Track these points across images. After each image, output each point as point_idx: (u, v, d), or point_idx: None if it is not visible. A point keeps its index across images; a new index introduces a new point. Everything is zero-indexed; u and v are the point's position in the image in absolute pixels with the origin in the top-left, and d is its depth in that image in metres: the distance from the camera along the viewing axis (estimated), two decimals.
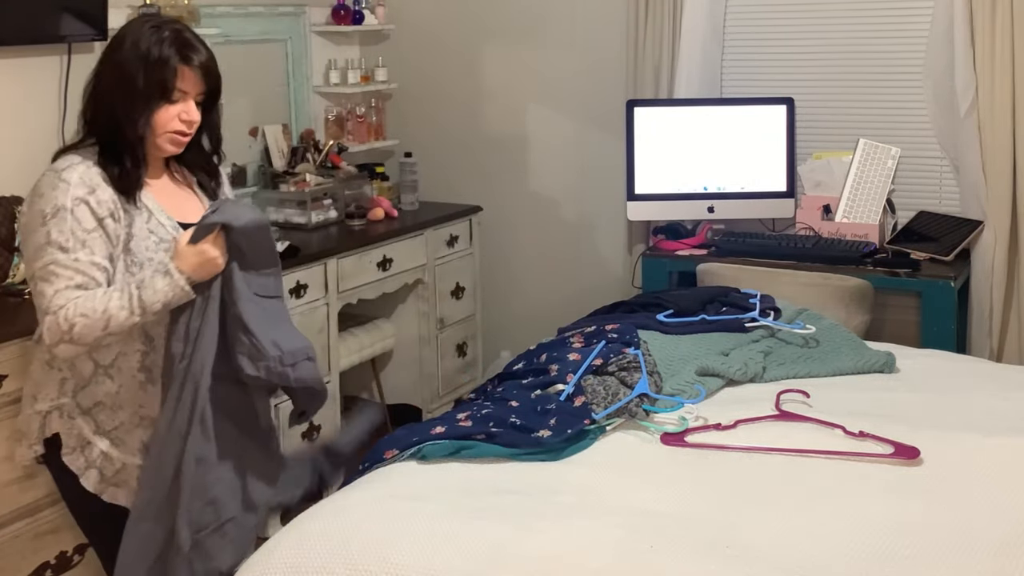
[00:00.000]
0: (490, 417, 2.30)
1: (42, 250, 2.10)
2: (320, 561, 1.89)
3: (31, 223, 2.13)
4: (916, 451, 2.15)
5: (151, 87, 2.18)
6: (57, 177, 2.13)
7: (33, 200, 2.15)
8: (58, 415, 2.22)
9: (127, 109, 2.18)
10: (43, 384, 2.23)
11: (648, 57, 4.05)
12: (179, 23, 2.31)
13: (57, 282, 2.09)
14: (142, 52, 2.19)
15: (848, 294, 3.38)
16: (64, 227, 2.10)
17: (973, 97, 3.56)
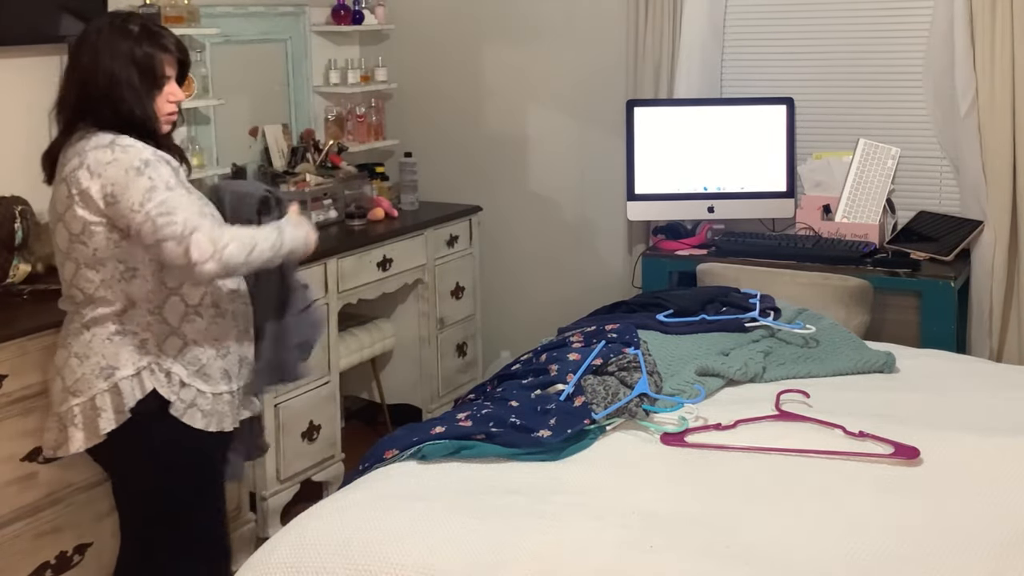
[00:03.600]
0: (490, 417, 2.30)
1: (152, 191, 2.29)
2: (320, 561, 1.89)
3: (122, 179, 2.29)
4: (916, 451, 2.16)
5: (147, 82, 2.40)
6: (115, 145, 2.33)
7: (104, 169, 2.30)
8: (149, 373, 2.38)
9: (139, 104, 2.39)
10: (118, 354, 2.37)
11: (648, 57, 4.05)
12: (133, 15, 2.50)
13: (181, 211, 2.30)
14: (127, 54, 2.39)
15: (848, 294, 3.38)
16: (160, 172, 2.33)
17: (973, 97, 3.56)
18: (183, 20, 3.59)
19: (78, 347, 2.39)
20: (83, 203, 2.32)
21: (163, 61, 2.42)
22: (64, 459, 2.55)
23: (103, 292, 2.36)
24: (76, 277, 2.38)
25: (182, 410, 2.40)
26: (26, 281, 2.91)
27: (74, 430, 2.39)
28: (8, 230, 2.88)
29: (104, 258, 2.35)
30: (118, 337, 2.37)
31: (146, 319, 2.38)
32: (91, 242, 2.34)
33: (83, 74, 2.40)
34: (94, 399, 2.37)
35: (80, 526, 2.81)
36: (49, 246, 2.97)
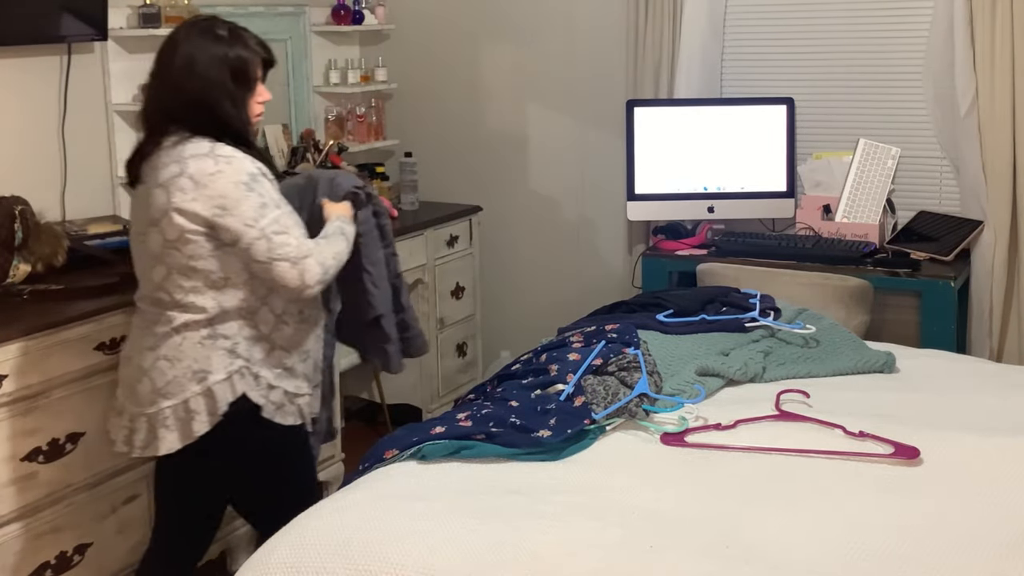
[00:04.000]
0: (490, 417, 2.30)
1: (264, 208, 2.37)
2: (320, 561, 1.89)
3: (232, 193, 2.35)
4: (916, 451, 2.15)
5: (241, 85, 2.47)
6: (215, 155, 2.38)
7: (210, 180, 2.35)
8: (239, 377, 2.44)
9: (235, 108, 2.46)
10: (209, 359, 2.42)
11: (648, 57, 4.05)
12: (216, 19, 2.54)
13: (293, 230, 2.41)
14: (220, 58, 2.44)
15: (848, 294, 3.38)
16: (266, 188, 2.41)
17: (973, 97, 3.56)
18: (183, 20, 3.58)
19: (167, 350, 2.42)
20: (183, 212, 2.35)
21: (254, 63, 2.50)
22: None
23: (194, 298, 2.40)
24: (166, 281, 2.41)
25: (272, 411, 2.49)
26: (26, 281, 2.91)
27: (165, 431, 2.43)
28: (8, 230, 2.88)
29: (198, 266, 2.38)
30: (209, 342, 2.42)
31: (236, 325, 2.44)
32: (186, 249, 2.37)
33: (176, 79, 2.43)
34: (187, 402, 2.42)
35: (80, 526, 2.81)
36: (49, 246, 2.98)
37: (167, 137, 2.42)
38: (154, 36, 3.51)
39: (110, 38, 3.41)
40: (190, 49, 2.43)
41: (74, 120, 3.37)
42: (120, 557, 2.93)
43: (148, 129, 2.48)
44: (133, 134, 3.57)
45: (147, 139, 2.47)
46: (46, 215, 3.09)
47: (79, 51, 3.36)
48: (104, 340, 2.83)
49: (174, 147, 2.39)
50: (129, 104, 3.54)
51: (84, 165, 3.41)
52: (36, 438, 2.68)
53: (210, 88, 2.42)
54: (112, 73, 3.50)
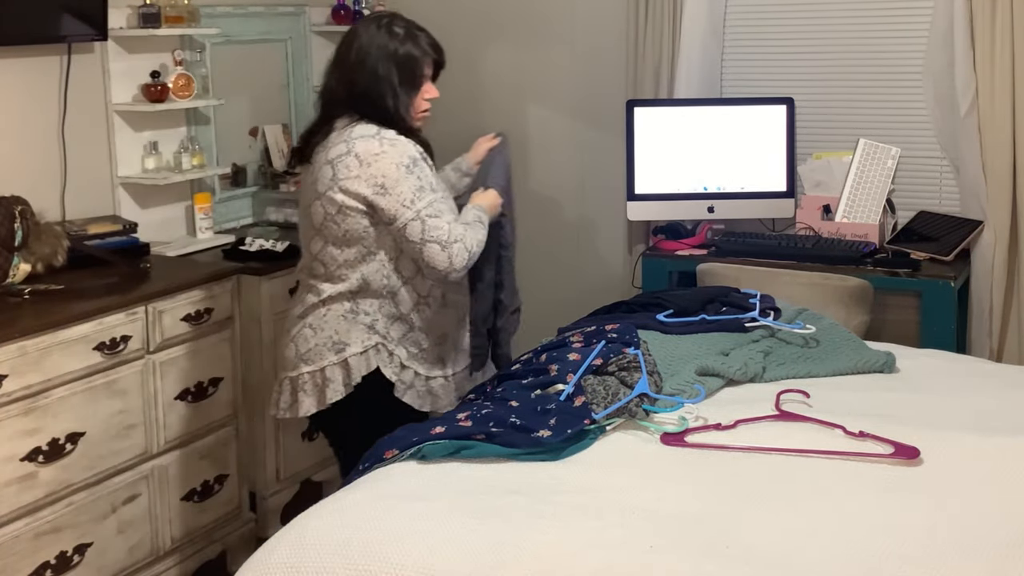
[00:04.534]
0: (490, 417, 2.30)
1: (421, 192, 2.55)
2: (320, 561, 1.89)
3: (392, 174, 2.53)
4: (916, 451, 2.15)
5: (406, 81, 2.63)
6: (381, 137, 2.57)
7: (374, 160, 2.53)
8: (375, 352, 2.63)
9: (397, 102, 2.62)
10: (350, 331, 2.63)
11: (648, 57, 4.05)
12: (397, 16, 2.71)
13: (445, 215, 2.57)
14: (390, 54, 2.62)
15: (848, 294, 3.38)
16: (425, 172, 2.58)
17: (973, 97, 3.56)
18: (183, 20, 3.59)
19: (313, 319, 2.65)
20: (345, 187, 2.54)
21: (422, 62, 2.65)
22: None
23: (343, 271, 2.61)
24: (322, 252, 2.62)
25: (402, 391, 2.67)
26: (26, 281, 2.91)
27: (303, 396, 2.65)
28: (8, 230, 2.88)
29: (351, 239, 2.58)
30: (351, 316, 2.63)
31: (378, 302, 2.63)
32: (343, 223, 2.57)
33: (349, 70, 2.63)
34: (324, 370, 2.63)
35: (80, 526, 2.81)
36: (49, 246, 2.98)
37: (338, 120, 2.62)
38: (154, 36, 3.52)
39: (110, 38, 3.41)
40: (365, 42, 2.62)
41: (74, 120, 3.37)
42: (120, 557, 2.93)
43: (321, 112, 2.68)
44: (133, 134, 3.58)
45: (318, 121, 2.67)
46: (46, 215, 3.09)
47: (79, 51, 3.36)
48: (104, 340, 2.83)
49: (343, 129, 2.60)
50: (129, 104, 3.55)
51: (84, 165, 3.41)
52: (36, 438, 2.68)
53: (376, 81, 2.60)
54: (112, 73, 3.50)
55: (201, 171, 3.70)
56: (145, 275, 3.13)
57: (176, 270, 3.25)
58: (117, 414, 2.89)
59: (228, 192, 3.96)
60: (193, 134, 3.77)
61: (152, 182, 3.55)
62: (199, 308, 3.11)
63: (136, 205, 3.60)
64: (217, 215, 3.82)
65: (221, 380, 3.20)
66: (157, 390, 3.00)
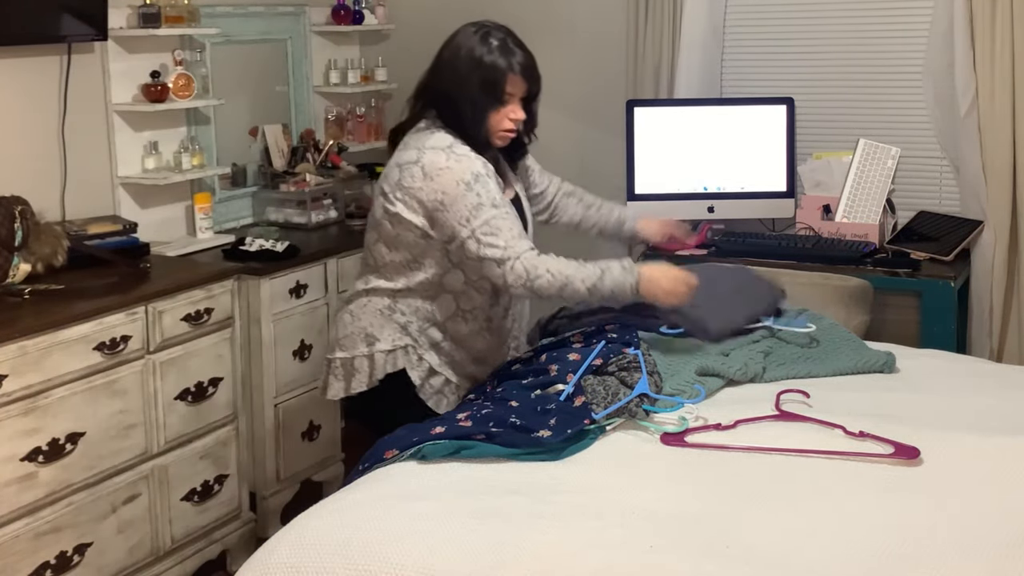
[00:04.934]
0: (490, 417, 2.30)
1: (478, 209, 2.48)
2: (320, 561, 1.89)
3: (452, 191, 2.49)
4: (916, 451, 2.15)
5: (487, 95, 2.58)
6: (451, 151, 2.53)
7: (437, 175, 2.50)
8: (403, 353, 2.61)
9: (472, 113, 2.58)
10: (383, 328, 2.62)
11: (648, 57, 4.05)
12: (503, 29, 2.69)
13: (504, 232, 2.49)
14: (476, 60, 2.59)
15: (848, 294, 3.38)
16: (490, 187, 2.51)
17: (973, 97, 3.56)
18: (183, 20, 3.59)
19: (355, 306, 2.67)
20: (405, 196, 2.54)
21: (509, 79, 2.59)
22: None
23: (388, 270, 2.62)
24: (374, 246, 2.64)
25: (429, 394, 2.65)
26: (26, 281, 2.91)
27: (333, 379, 2.69)
28: (8, 230, 2.88)
29: (401, 244, 2.58)
30: (388, 312, 2.62)
31: (416, 305, 2.62)
32: (396, 227, 2.57)
33: (438, 71, 2.65)
34: (354, 360, 2.65)
35: (80, 526, 2.81)
36: (49, 246, 2.99)
37: (422, 119, 2.62)
38: (154, 36, 3.52)
39: (110, 38, 3.41)
40: (459, 47, 2.63)
41: (74, 120, 3.37)
42: (120, 557, 2.93)
43: (412, 107, 2.69)
44: (133, 134, 3.59)
45: (409, 116, 2.68)
46: (46, 215, 3.09)
47: (79, 51, 3.36)
48: (104, 340, 2.83)
49: (421, 132, 2.59)
50: (129, 104, 3.55)
51: (84, 165, 3.41)
52: (36, 438, 2.68)
53: (456, 87, 2.58)
54: (112, 73, 3.50)
55: (201, 171, 3.70)
56: (145, 275, 3.13)
57: (176, 270, 3.25)
58: (117, 414, 2.89)
59: (228, 192, 3.96)
60: (193, 134, 3.77)
61: (152, 182, 3.55)
62: (199, 308, 3.11)
63: (136, 205, 3.60)
64: (217, 215, 3.82)
65: (221, 380, 3.20)
66: (157, 390, 3.00)
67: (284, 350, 3.54)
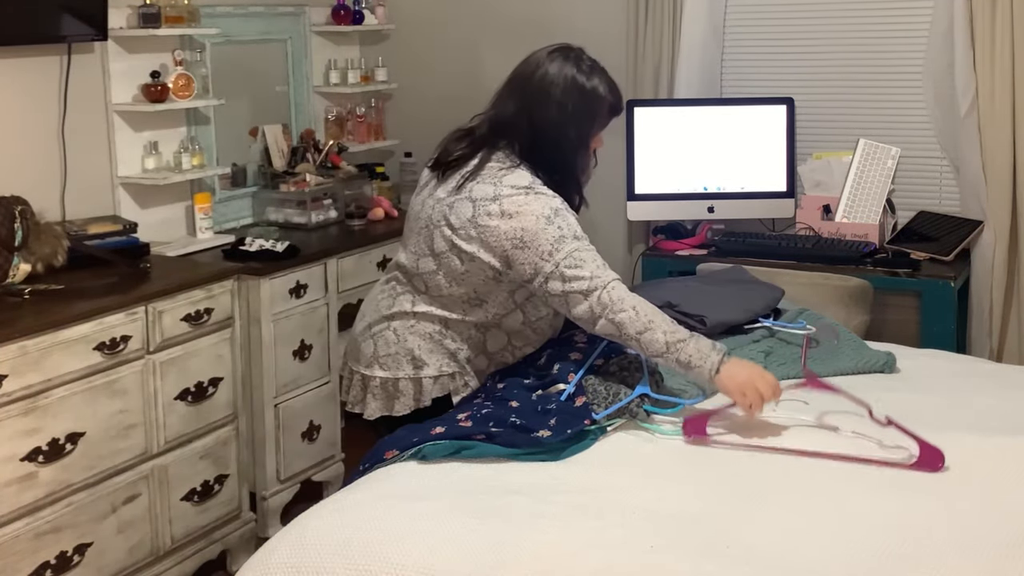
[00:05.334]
0: (490, 417, 2.30)
1: (560, 242, 2.36)
2: (320, 561, 1.89)
3: (532, 226, 2.36)
4: (940, 454, 2.12)
5: (586, 122, 2.52)
6: (531, 190, 2.40)
7: (515, 212, 2.37)
8: (450, 379, 2.50)
9: (573, 146, 2.49)
10: (431, 353, 2.49)
11: (648, 57, 4.05)
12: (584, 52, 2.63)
13: (589, 263, 2.38)
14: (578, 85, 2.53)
15: (848, 294, 3.38)
16: (570, 220, 2.41)
17: (973, 97, 3.56)
18: (183, 20, 3.59)
19: (399, 326, 2.52)
20: (481, 234, 2.39)
21: (605, 102, 2.58)
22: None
23: (445, 301, 2.47)
24: (431, 277, 2.47)
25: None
26: (26, 281, 2.91)
27: (371, 399, 2.55)
28: (8, 230, 2.88)
29: (466, 281, 2.44)
30: (438, 337, 2.50)
31: (467, 334, 2.50)
32: (466, 264, 2.42)
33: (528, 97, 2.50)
34: (398, 381, 2.51)
35: (80, 526, 2.81)
36: (49, 246, 2.98)
37: (495, 152, 2.48)
38: (154, 36, 3.52)
39: (110, 38, 3.41)
40: (553, 71, 2.51)
41: (74, 120, 3.37)
42: (120, 557, 2.93)
43: (484, 134, 2.55)
44: (133, 134, 3.58)
45: (475, 142, 2.55)
46: (46, 215, 3.09)
47: (79, 51, 3.36)
48: (104, 340, 2.83)
49: (499, 169, 2.45)
50: (129, 104, 3.55)
51: (84, 165, 3.41)
52: (36, 438, 2.68)
53: (560, 115, 2.47)
54: (112, 73, 3.50)
55: (201, 171, 3.70)
56: (145, 275, 3.13)
57: (176, 270, 3.25)
58: (117, 414, 2.89)
59: (228, 192, 3.96)
60: (193, 134, 3.77)
61: (152, 182, 3.55)
62: (199, 308, 3.11)
63: (136, 205, 3.60)
64: (217, 215, 3.81)
65: (221, 380, 3.20)
66: (157, 390, 3.00)
67: (284, 350, 3.54)
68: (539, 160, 2.46)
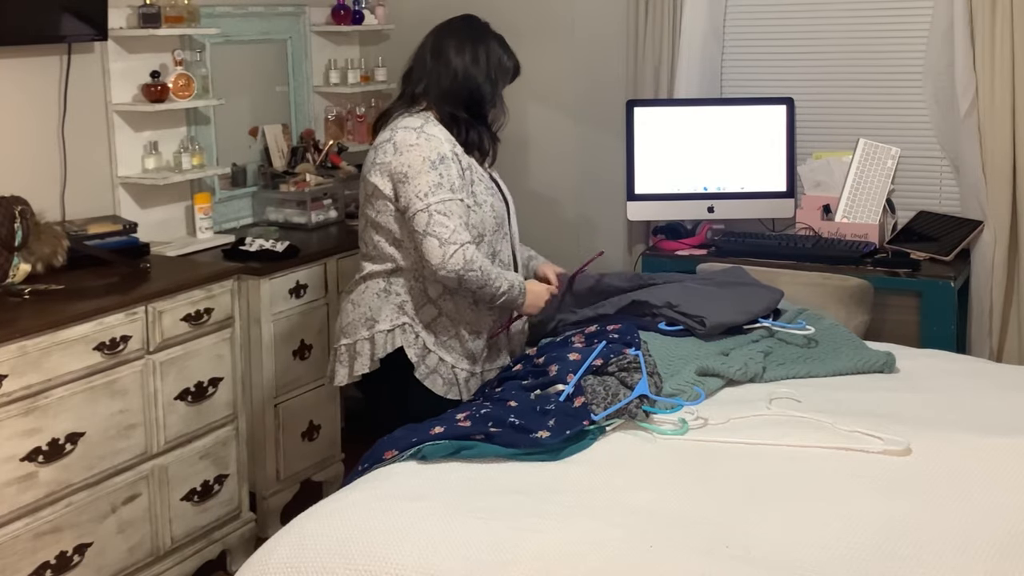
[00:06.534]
0: (489, 417, 2.30)
1: (437, 187, 2.65)
2: (320, 561, 1.89)
3: (415, 166, 2.66)
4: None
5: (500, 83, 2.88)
6: (422, 132, 2.69)
7: (405, 151, 2.68)
8: (401, 332, 2.74)
9: (492, 95, 2.83)
10: (381, 309, 2.76)
11: (648, 57, 4.05)
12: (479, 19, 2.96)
13: (454, 218, 2.65)
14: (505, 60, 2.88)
15: (848, 294, 3.38)
16: (451, 172, 2.68)
17: (973, 97, 3.56)
18: (183, 20, 3.59)
19: (355, 295, 2.81)
20: (380, 173, 2.71)
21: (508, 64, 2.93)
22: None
23: (377, 252, 2.76)
24: (364, 232, 2.81)
25: (424, 374, 2.75)
26: (26, 281, 2.91)
27: (339, 366, 2.83)
28: (8, 230, 2.88)
29: (381, 224, 2.73)
30: (384, 294, 2.76)
31: (409, 284, 2.75)
32: (376, 205, 2.73)
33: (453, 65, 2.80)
34: (355, 344, 2.77)
35: (80, 526, 2.81)
36: (49, 246, 2.99)
37: (409, 107, 2.79)
38: (154, 36, 3.52)
39: (110, 38, 3.41)
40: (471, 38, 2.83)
41: (74, 120, 3.37)
42: (120, 557, 2.93)
43: (398, 100, 2.84)
44: (133, 134, 3.58)
45: (394, 105, 2.84)
46: (46, 215, 3.09)
47: (79, 51, 3.36)
48: (104, 340, 2.83)
49: (399, 116, 2.76)
50: (129, 104, 3.55)
51: (84, 165, 3.41)
52: (36, 438, 2.68)
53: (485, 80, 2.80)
54: (112, 73, 3.50)
55: (201, 171, 3.70)
56: (145, 275, 3.13)
57: (176, 270, 3.25)
58: (117, 414, 2.89)
59: (228, 192, 3.96)
60: (193, 134, 3.77)
61: (152, 182, 3.55)
62: (199, 308, 3.11)
63: (136, 205, 3.60)
64: (217, 215, 3.82)
65: (221, 380, 3.20)
66: (157, 390, 3.00)
67: (284, 350, 3.54)
68: (454, 104, 2.78)
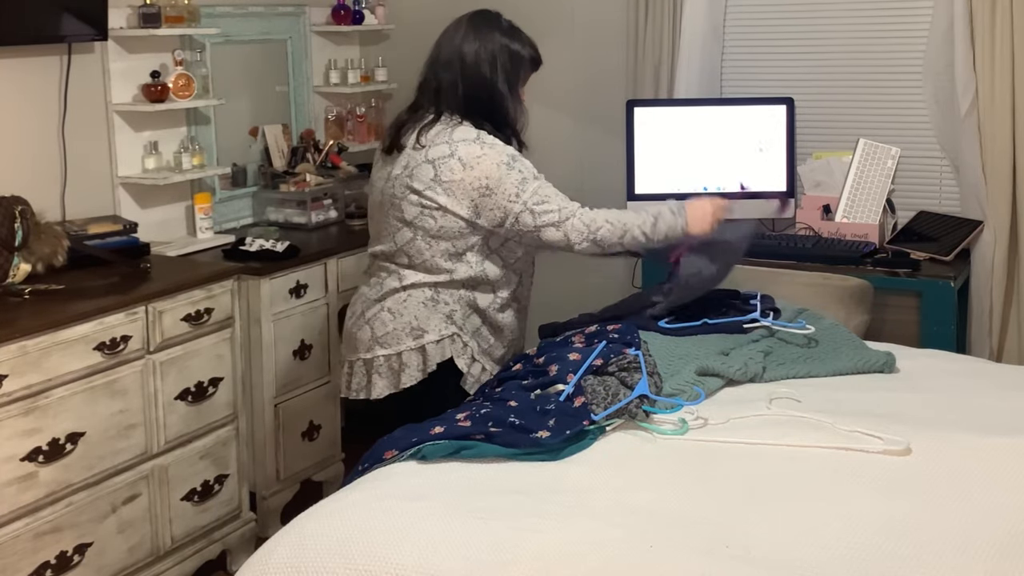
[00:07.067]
0: (489, 417, 2.30)
1: (524, 183, 2.63)
2: (320, 561, 1.89)
3: (495, 173, 2.62)
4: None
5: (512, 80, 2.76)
6: (483, 142, 2.65)
7: (475, 164, 2.62)
8: (450, 342, 2.70)
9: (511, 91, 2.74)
10: (429, 319, 2.70)
11: (648, 57, 4.05)
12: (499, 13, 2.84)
13: (554, 198, 2.65)
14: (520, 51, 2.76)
15: (848, 294, 3.38)
16: (526, 163, 2.67)
17: (973, 97, 3.56)
18: (183, 20, 3.59)
19: (392, 304, 2.72)
20: (449, 191, 2.62)
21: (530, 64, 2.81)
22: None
23: (429, 264, 2.69)
24: (410, 244, 2.70)
25: (471, 384, 2.73)
26: (26, 281, 2.92)
27: (378, 378, 2.72)
28: (8, 230, 2.88)
29: (444, 235, 2.66)
30: (431, 303, 2.70)
31: (458, 295, 2.71)
32: (440, 220, 2.65)
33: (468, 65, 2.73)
34: (401, 355, 2.69)
35: (80, 526, 2.81)
36: (49, 246, 2.98)
37: (439, 118, 2.70)
38: (154, 36, 3.52)
39: (110, 38, 3.41)
40: (479, 41, 2.74)
41: (74, 120, 3.37)
42: (120, 557, 2.93)
43: (416, 105, 2.80)
44: (133, 134, 3.59)
45: (414, 113, 2.77)
46: (46, 215, 3.09)
47: (79, 51, 3.36)
48: (104, 340, 2.83)
49: (445, 129, 2.68)
50: (129, 104, 3.55)
51: (84, 165, 3.41)
52: (36, 438, 2.68)
53: (497, 77, 2.71)
54: (112, 73, 3.50)
55: (201, 171, 3.71)
56: (145, 275, 3.13)
57: (176, 270, 3.25)
58: (117, 414, 2.89)
59: (228, 192, 3.97)
60: (193, 134, 3.77)
61: (152, 182, 3.55)
62: (199, 308, 3.11)
63: (136, 205, 3.60)
64: (217, 215, 3.82)
65: (221, 380, 3.20)
66: (157, 390, 3.00)
67: (284, 350, 3.54)
68: (478, 114, 2.70)
